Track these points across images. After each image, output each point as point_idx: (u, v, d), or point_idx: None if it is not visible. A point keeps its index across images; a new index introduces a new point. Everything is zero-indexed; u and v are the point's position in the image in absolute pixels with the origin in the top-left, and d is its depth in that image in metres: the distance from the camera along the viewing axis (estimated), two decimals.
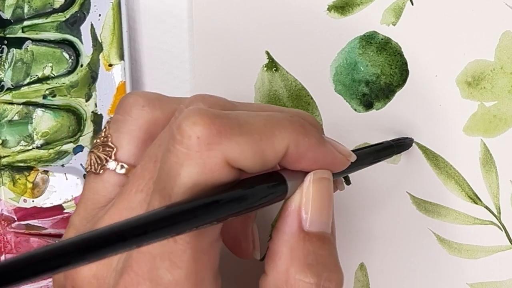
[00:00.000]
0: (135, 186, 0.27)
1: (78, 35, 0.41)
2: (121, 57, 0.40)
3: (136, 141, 0.29)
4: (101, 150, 0.30)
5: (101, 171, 0.29)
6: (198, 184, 0.25)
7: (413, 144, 0.38)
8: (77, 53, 0.41)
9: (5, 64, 0.41)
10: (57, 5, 0.41)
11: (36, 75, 0.41)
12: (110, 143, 0.30)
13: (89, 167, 0.30)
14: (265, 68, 0.40)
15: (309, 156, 0.27)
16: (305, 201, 0.27)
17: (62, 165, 0.41)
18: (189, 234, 0.25)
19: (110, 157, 0.29)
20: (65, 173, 0.41)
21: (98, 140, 0.30)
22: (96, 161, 0.30)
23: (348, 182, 0.39)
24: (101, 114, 0.41)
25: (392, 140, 0.37)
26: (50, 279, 0.40)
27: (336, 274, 0.28)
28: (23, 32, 0.41)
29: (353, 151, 0.31)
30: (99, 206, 0.29)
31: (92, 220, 0.28)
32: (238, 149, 0.25)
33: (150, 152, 0.27)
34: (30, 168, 0.41)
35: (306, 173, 0.28)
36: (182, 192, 0.25)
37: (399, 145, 0.37)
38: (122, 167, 0.29)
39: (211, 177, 0.25)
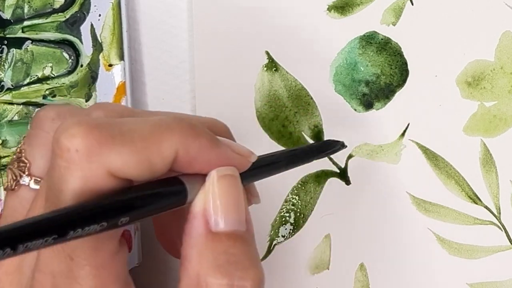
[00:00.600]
0: (38, 203, 0.27)
1: (78, 35, 0.41)
2: (121, 57, 0.40)
3: (49, 155, 0.28)
4: (16, 166, 0.29)
5: (16, 187, 0.29)
6: (82, 197, 0.24)
7: (413, 143, 0.38)
8: (77, 53, 0.41)
9: (5, 64, 0.41)
10: (57, 5, 0.41)
11: (36, 75, 0.41)
12: (23, 158, 0.29)
13: (6, 183, 0.29)
14: (265, 68, 0.40)
15: (202, 159, 0.26)
16: (210, 201, 0.26)
17: None
18: (85, 251, 0.24)
19: (24, 172, 0.29)
20: None
21: (14, 156, 0.30)
22: (12, 177, 0.29)
23: (348, 182, 0.39)
24: None
25: (316, 143, 0.36)
26: None
27: (252, 272, 0.26)
28: (23, 32, 0.41)
29: (268, 155, 0.30)
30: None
31: None
32: (120, 159, 0.24)
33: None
34: None
35: (206, 175, 0.27)
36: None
37: (321, 148, 0.35)
38: (36, 181, 0.29)
39: (95, 188, 0.24)
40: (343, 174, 0.39)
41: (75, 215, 0.23)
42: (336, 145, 0.35)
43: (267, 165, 0.30)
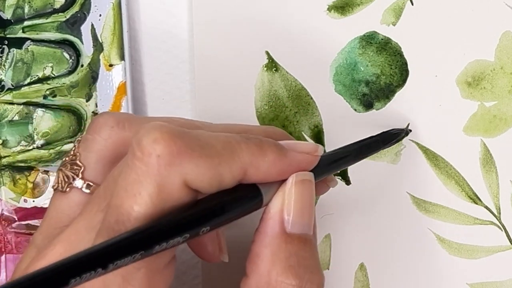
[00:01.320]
0: (95, 206, 0.27)
1: (79, 35, 0.41)
2: (122, 57, 0.40)
3: (104, 161, 0.29)
4: (69, 168, 0.29)
5: (68, 189, 0.29)
6: (157, 204, 0.24)
7: (413, 143, 0.38)
8: (77, 53, 0.41)
9: (5, 64, 0.41)
10: (57, 5, 0.41)
11: (37, 75, 0.41)
12: (78, 162, 0.29)
13: (56, 184, 0.30)
14: (265, 68, 0.40)
15: (274, 172, 0.27)
16: (287, 203, 0.27)
17: None
18: (142, 273, 0.25)
19: (77, 176, 0.29)
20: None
21: (67, 159, 0.30)
22: (64, 179, 0.29)
23: (348, 182, 0.39)
24: None
25: (383, 132, 0.37)
26: None
27: (318, 276, 0.27)
28: (23, 32, 0.41)
29: (337, 149, 0.31)
30: (62, 225, 0.29)
31: (52, 239, 0.28)
32: (196, 171, 0.25)
33: (114, 172, 0.27)
34: (30, 168, 0.41)
35: (280, 181, 0.28)
36: (143, 211, 0.24)
37: (387, 138, 0.36)
38: (88, 186, 0.29)
39: (168, 197, 0.24)
40: (343, 174, 0.39)
41: (161, 230, 0.23)
42: (401, 133, 0.37)
43: (338, 160, 0.31)
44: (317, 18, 0.39)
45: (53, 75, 0.41)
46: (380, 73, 0.38)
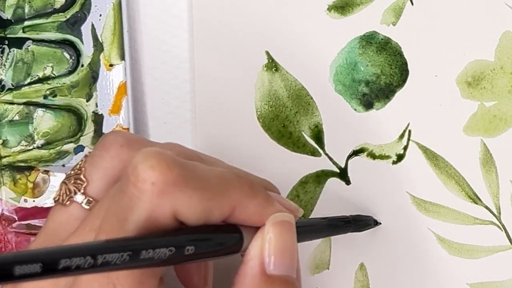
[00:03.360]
0: (89, 224, 0.27)
1: (79, 35, 0.41)
2: (122, 57, 0.40)
3: (109, 178, 0.29)
4: (72, 182, 0.29)
5: (68, 202, 0.29)
6: (143, 230, 0.24)
7: (413, 143, 0.38)
8: (77, 53, 0.41)
9: (5, 64, 0.41)
10: (57, 5, 0.41)
11: (37, 75, 0.41)
12: (82, 176, 0.29)
13: (58, 197, 0.30)
14: (265, 68, 0.40)
15: (258, 216, 0.27)
16: (267, 244, 0.27)
17: (63, 165, 0.41)
18: (129, 282, 0.24)
19: (79, 190, 0.29)
20: (65, 173, 0.41)
21: (72, 172, 0.30)
22: (66, 192, 0.29)
23: (348, 182, 0.39)
24: (101, 114, 0.41)
25: (351, 216, 0.37)
26: None
27: None
28: (23, 32, 0.41)
29: (309, 220, 0.32)
30: (58, 238, 0.28)
31: None
32: (188, 204, 0.25)
33: (110, 192, 0.27)
34: (30, 168, 0.41)
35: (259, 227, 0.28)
36: (128, 235, 0.24)
37: (357, 222, 0.37)
38: (89, 201, 0.29)
39: (155, 225, 0.24)
40: (343, 174, 0.39)
41: (146, 238, 0.24)
42: (368, 222, 0.38)
43: (310, 227, 0.33)
44: (317, 18, 0.39)
45: (53, 75, 0.41)
46: (380, 73, 0.38)
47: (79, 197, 0.29)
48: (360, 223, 0.37)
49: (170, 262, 0.24)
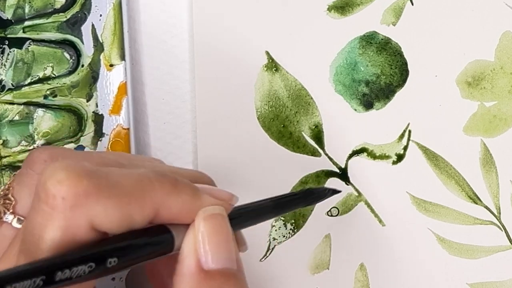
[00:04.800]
0: (15, 247, 0.26)
1: (79, 35, 0.41)
2: (122, 57, 0.40)
3: None
4: (1, 202, 0.29)
5: None
6: (60, 247, 0.24)
7: (413, 143, 0.38)
8: (78, 53, 0.41)
9: (6, 64, 0.41)
10: (58, 5, 0.41)
11: (37, 75, 0.41)
12: (10, 196, 0.29)
13: None
14: (265, 68, 0.40)
15: (185, 213, 0.26)
16: (200, 240, 0.26)
17: None
18: None
19: (8, 210, 0.28)
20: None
21: (1, 192, 0.29)
22: None
23: (348, 182, 0.39)
24: (102, 114, 0.41)
25: (301, 190, 0.36)
26: None
27: None
28: (24, 32, 0.41)
29: (251, 203, 0.30)
30: None
31: None
32: (104, 213, 0.24)
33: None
34: None
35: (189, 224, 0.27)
36: (47, 255, 0.23)
37: (307, 196, 0.35)
38: (19, 220, 0.28)
39: (74, 238, 0.24)
40: (343, 174, 0.39)
41: (61, 257, 0.23)
42: (321, 193, 0.35)
43: (253, 211, 0.30)
44: (317, 18, 0.39)
45: (53, 75, 0.41)
46: (380, 73, 0.39)
47: (8, 217, 0.28)
48: (312, 196, 0.35)
49: (92, 277, 0.23)
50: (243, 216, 0.29)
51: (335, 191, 0.36)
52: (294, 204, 0.34)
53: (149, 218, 0.25)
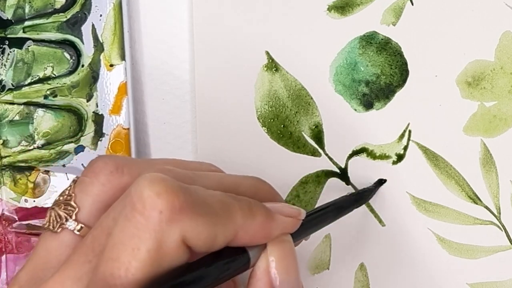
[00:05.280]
0: (83, 256, 0.26)
1: (79, 35, 0.41)
2: (122, 57, 0.40)
3: (100, 205, 0.28)
4: (62, 208, 0.29)
5: (59, 229, 0.28)
6: (154, 260, 0.24)
7: (413, 143, 0.38)
8: (78, 53, 0.41)
9: (6, 64, 0.41)
10: (58, 5, 0.41)
11: (37, 75, 0.41)
12: (72, 202, 0.29)
13: (47, 223, 0.29)
14: (265, 68, 0.40)
15: (261, 234, 0.28)
16: (272, 263, 0.28)
17: (63, 165, 0.41)
18: None
19: (71, 217, 0.28)
20: (66, 173, 0.41)
21: (61, 198, 0.29)
22: (56, 218, 0.29)
23: (348, 182, 0.39)
24: (102, 114, 0.41)
25: (352, 194, 0.38)
26: None
27: None
28: (24, 32, 0.41)
29: (312, 211, 0.32)
30: (49, 266, 0.28)
31: (38, 281, 0.27)
32: (196, 230, 0.25)
33: (102, 222, 0.26)
34: (31, 168, 0.41)
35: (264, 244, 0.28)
36: (141, 267, 0.24)
37: (360, 198, 0.38)
38: (81, 228, 0.28)
39: (167, 254, 0.24)
40: (343, 174, 0.39)
41: None
42: (373, 191, 0.38)
43: (316, 219, 0.33)
44: (317, 18, 0.39)
45: (53, 75, 0.41)
46: (380, 73, 0.38)
47: (71, 224, 0.28)
48: (364, 196, 0.38)
49: None
50: (306, 225, 0.31)
51: (380, 182, 0.39)
52: (350, 206, 0.37)
53: (229, 240, 0.26)
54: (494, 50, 0.37)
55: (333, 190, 0.39)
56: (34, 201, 0.41)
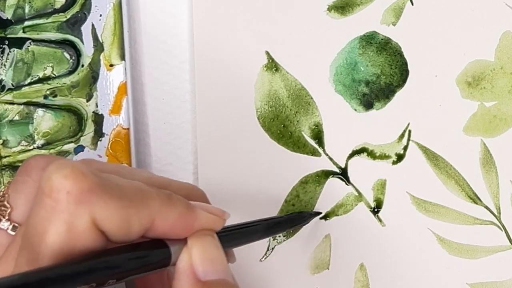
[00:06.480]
0: (12, 252, 0.26)
1: (79, 35, 0.41)
2: (122, 57, 0.40)
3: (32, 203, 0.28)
4: None
5: None
6: (66, 242, 0.24)
7: (413, 143, 0.38)
8: (78, 53, 0.41)
9: (6, 64, 0.41)
10: (58, 5, 0.41)
11: (37, 75, 0.41)
12: (6, 203, 0.29)
13: None
14: (265, 68, 0.40)
15: (180, 225, 0.27)
16: (196, 255, 0.27)
17: None
18: None
19: (4, 217, 0.29)
20: None
21: None
22: None
23: (348, 182, 0.39)
24: (102, 114, 0.41)
25: (286, 215, 0.38)
26: None
27: None
28: (24, 32, 0.41)
29: (244, 224, 0.32)
30: None
31: None
32: (106, 211, 0.24)
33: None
34: None
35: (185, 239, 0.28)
36: (50, 252, 0.24)
37: (293, 220, 0.38)
38: (14, 227, 0.28)
39: (78, 237, 0.24)
40: (343, 174, 0.39)
41: (63, 275, 0.23)
42: (308, 217, 0.39)
43: (244, 231, 0.32)
44: (317, 18, 0.39)
45: (53, 75, 0.41)
46: (380, 73, 0.39)
47: (4, 224, 0.28)
48: (295, 221, 0.38)
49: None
50: (232, 235, 0.31)
51: (316, 214, 0.39)
52: (282, 228, 0.37)
53: (146, 227, 0.26)
54: (494, 50, 0.37)
55: (333, 190, 0.39)
56: None
